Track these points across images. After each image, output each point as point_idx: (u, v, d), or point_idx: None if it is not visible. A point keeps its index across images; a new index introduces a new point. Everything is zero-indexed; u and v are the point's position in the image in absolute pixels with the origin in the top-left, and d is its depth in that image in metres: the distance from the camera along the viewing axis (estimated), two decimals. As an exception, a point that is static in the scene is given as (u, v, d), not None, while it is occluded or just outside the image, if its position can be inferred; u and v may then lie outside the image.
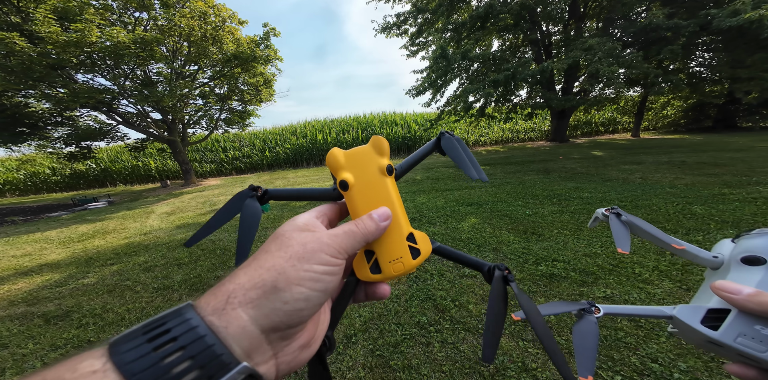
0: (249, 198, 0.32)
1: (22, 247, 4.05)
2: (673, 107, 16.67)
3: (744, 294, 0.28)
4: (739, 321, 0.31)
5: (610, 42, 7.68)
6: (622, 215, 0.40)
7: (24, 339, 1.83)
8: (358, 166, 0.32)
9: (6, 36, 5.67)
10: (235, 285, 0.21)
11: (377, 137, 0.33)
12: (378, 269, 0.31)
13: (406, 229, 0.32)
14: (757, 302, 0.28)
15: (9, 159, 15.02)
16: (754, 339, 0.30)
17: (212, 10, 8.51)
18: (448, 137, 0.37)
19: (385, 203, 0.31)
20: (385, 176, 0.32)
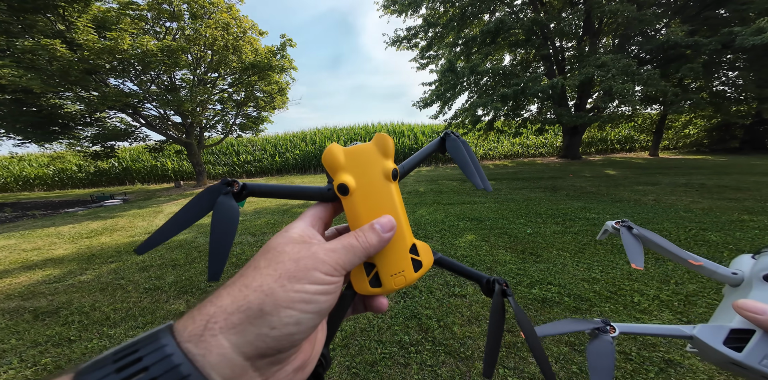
0: (222, 195, 0.26)
1: (34, 241, 4.24)
2: (695, 126, 16.06)
3: None
4: (764, 342, 0.29)
5: (625, 59, 7.56)
6: (634, 228, 0.39)
7: (8, 335, 1.87)
8: (360, 167, 0.29)
9: (50, 43, 6.19)
10: (216, 308, 0.19)
11: (382, 135, 0.30)
12: (378, 283, 0.28)
13: (409, 240, 0.30)
14: None
15: (42, 156, 16.05)
16: None
17: (235, 21, 9.05)
18: (454, 138, 0.35)
19: (389, 212, 0.28)
20: (390, 182, 0.29)
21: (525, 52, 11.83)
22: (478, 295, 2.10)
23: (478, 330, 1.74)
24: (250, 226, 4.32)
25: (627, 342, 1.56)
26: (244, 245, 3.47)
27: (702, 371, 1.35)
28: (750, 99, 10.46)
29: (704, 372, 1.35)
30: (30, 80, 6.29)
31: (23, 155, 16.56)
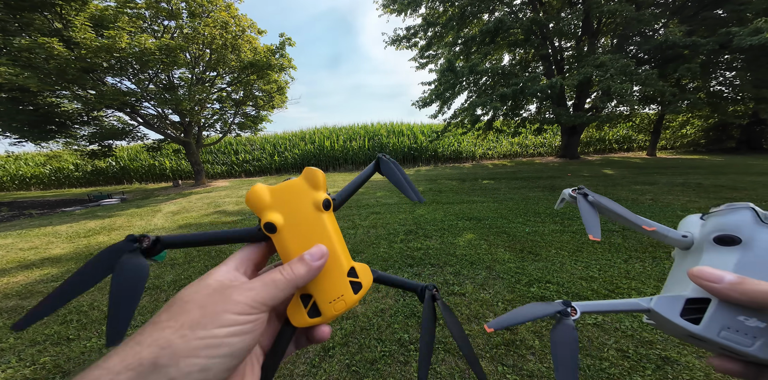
0: (128, 253, 0.24)
1: (31, 240, 4.21)
2: (693, 126, 16.16)
3: (726, 283, 0.25)
4: (721, 312, 0.28)
5: (623, 59, 7.59)
6: (589, 195, 0.36)
7: (6, 333, 1.87)
8: (288, 203, 0.29)
9: (47, 41, 6.14)
10: (102, 370, 0.18)
11: (310, 169, 0.31)
12: (317, 312, 0.28)
13: (347, 264, 0.30)
14: (741, 291, 0.24)
15: (38, 155, 15.95)
16: (738, 331, 0.27)
17: (234, 20, 9.01)
18: (386, 161, 0.37)
19: (321, 241, 0.29)
20: (322, 212, 0.30)
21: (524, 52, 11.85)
22: (477, 294, 2.11)
23: (478, 328, 1.74)
24: (249, 225, 4.28)
25: (624, 339, 1.57)
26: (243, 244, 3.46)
27: (698, 368, 1.37)
28: (747, 99, 10.53)
29: (701, 369, 1.36)
30: (27, 79, 6.24)
31: (19, 153, 16.46)
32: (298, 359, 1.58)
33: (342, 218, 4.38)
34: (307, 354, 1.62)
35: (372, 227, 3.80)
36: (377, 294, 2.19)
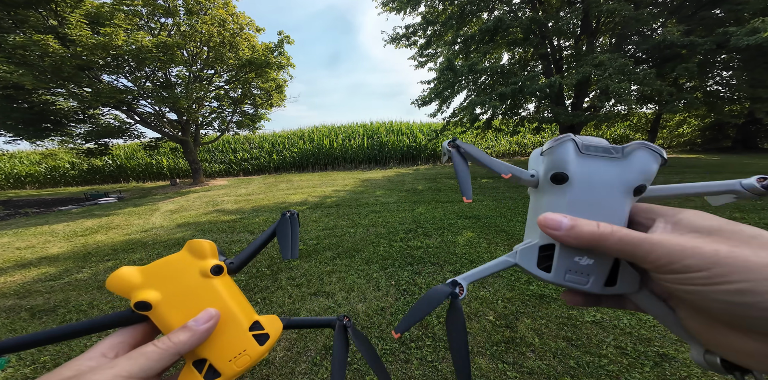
0: None
1: (27, 239, 4.18)
2: (689, 125, 16.27)
3: (563, 229, 0.25)
4: (563, 256, 0.28)
5: (621, 58, 7.61)
6: (461, 146, 0.33)
7: (5, 333, 1.85)
8: (167, 278, 0.29)
9: (42, 38, 6.06)
10: None
11: (193, 242, 0.31)
12: (216, 373, 0.28)
13: (247, 320, 0.30)
14: (574, 235, 0.24)
15: (34, 153, 15.79)
16: (576, 272, 0.28)
17: (231, 17, 8.93)
18: (285, 219, 0.39)
19: (212, 306, 0.29)
20: (212, 278, 0.30)
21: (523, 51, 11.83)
22: (477, 292, 2.13)
23: (478, 326, 1.76)
24: (248, 224, 4.30)
25: (623, 337, 1.59)
26: (242, 242, 3.46)
27: (696, 365, 1.38)
28: (743, 99, 10.60)
29: (698, 366, 1.38)
30: (21, 76, 6.16)
31: (14, 152, 16.28)
32: (300, 357, 1.59)
33: (341, 217, 4.38)
34: (309, 352, 1.62)
35: (372, 226, 3.81)
36: (377, 292, 2.20)
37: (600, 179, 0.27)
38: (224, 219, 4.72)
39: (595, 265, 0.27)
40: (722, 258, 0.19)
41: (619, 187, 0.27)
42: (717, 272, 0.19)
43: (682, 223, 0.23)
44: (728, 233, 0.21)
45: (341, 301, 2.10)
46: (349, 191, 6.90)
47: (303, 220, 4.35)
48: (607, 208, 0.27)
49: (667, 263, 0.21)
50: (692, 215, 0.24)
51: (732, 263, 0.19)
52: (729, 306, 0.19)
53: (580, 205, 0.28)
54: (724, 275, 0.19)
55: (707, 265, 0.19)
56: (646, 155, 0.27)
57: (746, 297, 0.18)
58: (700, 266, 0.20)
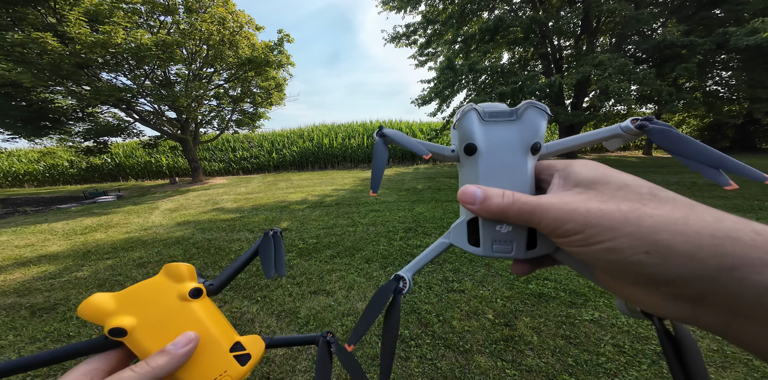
0: None
1: (26, 237, 4.17)
2: (688, 125, 16.32)
3: (477, 203, 0.25)
4: (486, 228, 0.28)
5: (621, 58, 7.62)
6: (387, 135, 0.32)
7: (6, 331, 1.86)
8: (143, 303, 0.29)
9: (40, 36, 6.03)
10: None
11: (170, 265, 0.31)
12: None
13: (227, 342, 0.30)
14: (486, 209, 0.25)
15: (32, 151, 15.73)
16: (501, 241, 0.27)
17: (231, 15, 8.89)
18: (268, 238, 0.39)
19: (191, 329, 0.29)
20: (190, 301, 0.30)
21: (523, 51, 11.83)
22: (476, 290, 2.14)
23: (477, 324, 1.77)
24: (248, 222, 4.31)
25: (620, 335, 1.60)
26: (242, 241, 3.46)
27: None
28: (742, 99, 10.63)
29: None
30: (20, 74, 6.13)
31: (12, 150, 16.21)
32: (300, 355, 1.60)
33: (341, 216, 4.38)
34: (309, 350, 1.63)
35: (371, 225, 3.82)
36: (377, 290, 2.21)
37: (503, 144, 0.27)
38: (224, 218, 4.72)
39: (514, 231, 0.27)
40: (592, 218, 0.19)
41: (518, 148, 0.27)
42: (590, 233, 0.19)
43: (570, 177, 0.24)
44: (602, 186, 0.21)
45: (341, 300, 2.11)
46: (348, 190, 6.90)
47: (303, 219, 4.35)
48: (514, 171, 0.27)
49: (554, 229, 0.21)
50: (578, 167, 0.24)
51: (599, 223, 0.19)
52: (606, 264, 0.20)
53: (491, 172, 0.27)
54: (594, 235, 0.19)
55: (582, 227, 0.20)
56: (534, 113, 0.27)
57: (612, 255, 0.19)
58: (576, 229, 0.20)
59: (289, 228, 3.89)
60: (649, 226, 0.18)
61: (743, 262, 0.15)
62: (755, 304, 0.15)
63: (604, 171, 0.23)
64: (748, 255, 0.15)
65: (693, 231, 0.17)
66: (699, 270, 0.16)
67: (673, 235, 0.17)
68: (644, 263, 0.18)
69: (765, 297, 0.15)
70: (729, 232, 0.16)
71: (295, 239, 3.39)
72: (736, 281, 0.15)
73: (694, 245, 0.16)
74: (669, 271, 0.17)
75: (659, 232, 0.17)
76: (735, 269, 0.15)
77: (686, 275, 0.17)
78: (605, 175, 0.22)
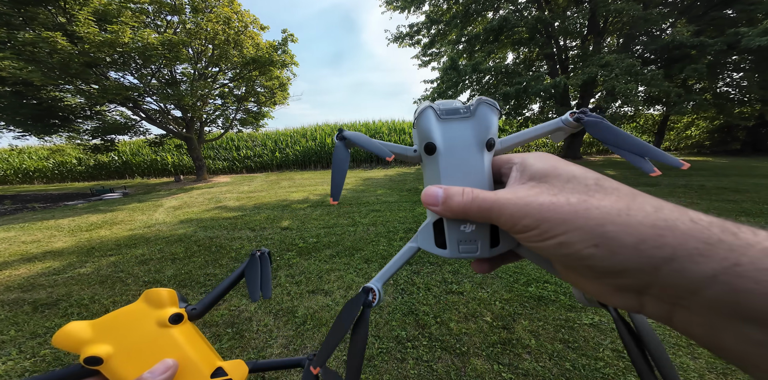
0: None
1: (33, 233, 4.25)
2: (697, 127, 16.01)
3: (440, 205, 0.25)
4: (451, 228, 0.27)
5: (629, 58, 7.51)
6: (347, 138, 0.31)
7: (7, 326, 1.88)
8: (121, 330, 0.29)
9: (50, 35, 6.14)
10: None
11: (150, 291, 0.31)
12: None
13: (208, 367, 0.30)
14: (448, 209, 0.24)
15: (42, 148, 16.03)
16: (466, 241, 0.27)
17: (236, 15, 8.96)
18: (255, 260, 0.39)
19: (170, 356, 0.29)
20: (170, 327, 0.30)
21: (528, 51, 11.74)
22: (475, 292, 2.12)
23: (475, 327, 1.75)
24: (249, 221, 4.33)
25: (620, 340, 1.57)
26: (243, 239, 3.48)
27: (693, 369, 1.37)
28: (753, 101, 10.41)
29: (695, 369, 1.37)
30: (30, 73, 6.25)
31: (23, 147, 16.54)
32: (296, 355, 1.60)
33: (342, 216, 4.39)
34: (305, 349, 1.63)
35: (372, 225, 3.81)
36: (375, 291, 2.20)
37: (459, 141, 0.27)
38: (226, 216, 4.75)
39: (477, 230, 0.27)
40: (545, 213, 0.20)
41: (474, 145, 0.27)
42: (544, 228, 0.20)
43: (525, 170, 0.24)
44: (553, 179, 0.22)
45: (339, 300, 2.10)
46: (350, 190, 6.91)
47: (304, 218, 4.37)
48: (471, 168, 0.27)
49: (513, 226, 0.21)
50: (532, 160, 0.24)
51: (551, 217, 0.19)
52: (561, 258, 0.20)
53: (450, 171, 0.27)
54: (548, 230, 0.20)
55: (536, 222, 0.20)
56: (486, 109, 0.27)
57: (565, 249, 0.19)
58: (531, 225, 0.20)
59: (289, 227, 3.90)
60: (596, 218, 0.18)
61: (681, 252, 0.16)
62: (695, 295, 0.16)
63: (554, 163, 0.23)
64: (685, 245, 0.16)
65: (636, 222, 0.17)
66: (643, 262, 0.17)
67: (618, 226, 0.17)
68: (594, 257, 0.18)
69: (703, 289, 0.15)
70: (668, 221, 0.17)
71: (296, 239, 3.40)
72: (676, 273, 0.16)
73: (638, 238, 0.17)
74: (616, 264, 0.17)
75: (605, 224, 0.18)
76: (674, 259, 0.16)
77: (632, 267, 0.17)
78: (555, 167, 0.23)
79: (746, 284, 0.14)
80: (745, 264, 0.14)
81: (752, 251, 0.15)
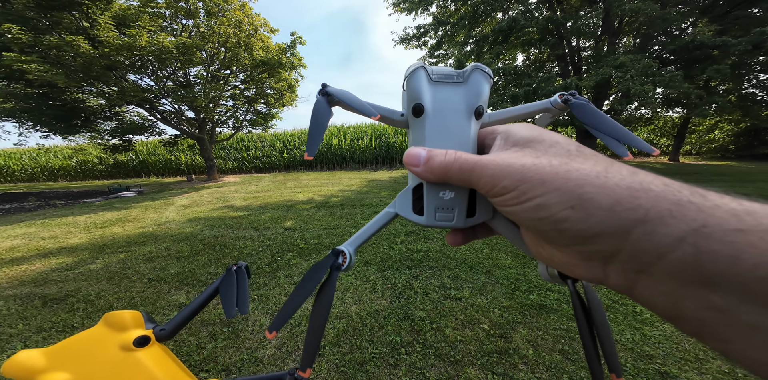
0: None
1: (52, 229, 4.45)
2: (722, 130, 15.28)
3: (422, 165, 0.24)
4: (430, 194, 0.27)
5: (645, 59, 7.24)
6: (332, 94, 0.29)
7: (17, 320, 1.96)
8: (80, 357, 0.27)
9: (74, 39, 6.46)
10: None
11: (111, 314, 0.29)
12: None
13: None
14: (429, 169, 0.24)
15: (66, 148, 16.83)
16: (443, 209, 0.27)
17: (247, 18, 9.19)
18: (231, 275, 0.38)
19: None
20: (134, 351, 0.28)
21: (539, 52, 11.50)
22: (474, 298, 2.07)
23: (471, 334, 1.71)
24: (254, 221, 4.40)
25: (623, 352, 1.50)
26: (246, 239, 3.54)
27: None
28: (782, 103, 9.84)
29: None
30: (55, 75, 6.58)
31: (49, 146, 17.41)
32: (289, 356, 1.60)
33: (344, 217, 4.40)
34: (298, 351, 1.63)
35: (374, 227, 3.80)
36: (373, 294, 2.19)
37: (449, 105, 0.27)
38: (232, 215, 4.85)
39: (456, 197, 0.27)
40: (526, 173, 0.20)
41: (463, 110, 0.27)
42: (523, 189, 0.19)
43: (509, 138, 0.24)
44: (536, 144, 0.22)
45: (336, 302, 2.10)
46: (354, 191, 6.93)
47: (307, 218, 4.40)
48: (457, 133, 0.26)
49: (492, 187, 0.21)
50: (516, 128, 0.25)
51: (532, 177, 0.19)
52: (536, 223, 0.20)
53: (436, 134, 0.26)
54: (526, 191, 0.19)
55: (516, 183, 0.20)
56: (479, 76, 0.27)
57: (542, 212, 0.19)
58: (510, 186, 0.20)
59: (292, 227, 3.94)
60: (575, 179, 0.18)
61: (653, 214, 0.16)
62: (661, 259, 0.15)
63: (539, 131, 0.24)
64: (657, 206, 0.16)
65: (612, 183, 0.18)
66: (616, 225, 0.17)
67: (595, 188, 0.18)
68: (569, 220, 0.18)
69: (669, 252, 0.15)
70: (643, 184, 0.17)
71: (297, 239, 3.42)
72: (646, 236, 0.16)
73: (614, 199, 0.17)
74: (591, 226, 0.17)
75: (584, 186, 0.18)
76: (645, 222, 0.16)
77: (606, 230, 0.17)
78: (540, 134, 0.23)
79: (711, 245, 0.14)
80: (713, 225, 0.15)
81: (719, 212, 0.15)
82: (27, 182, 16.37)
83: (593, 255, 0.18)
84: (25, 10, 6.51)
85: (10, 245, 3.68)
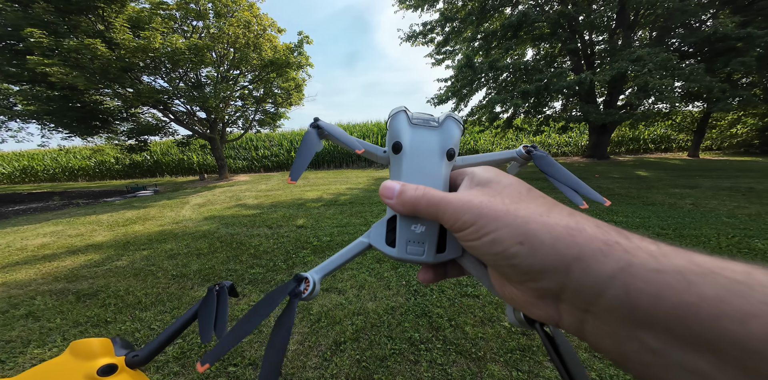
0: None
1: (77, 228, 4.63)
2: (745, 124, 14.62)
3: (395, 198, 0.25)
4: (403, 227, 0.28)
5: (664, 52, 6.99)
6: (322, 128, 0.31)
7: (54, 314, 2.06)
8: None
9: (92, 42, 6.66)
10: None
11: (77, 343, 0.29)
12: None
13: None
14: (402, 202, 0.25)
15: (85, 148, 17.45)
16: (414, 242, 0.27)
17: (255, 19, 9.29)
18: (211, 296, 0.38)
19: None
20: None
21: (550, 47, 11.24)
22: (491, 296, 2.07)
23: (492, 332, 1.71)
24: (267, 219, 4.47)
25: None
26: (261, 237, 3.60)
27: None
28: (811, 95, 9.34)
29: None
30: (75, 78, 6.81)
31: (69, 147, 18.07)
32: (311, 351, 1.63)
33: (354, 215, 4.43)
34: (320, 347, 1.66)
35: (386, 225, 3.81)
36: (388, 291, 2.20)
37: (425, 146, 0.29)
38: (246, 214, 4.94)
39: (426, 231, 0.27)
40: (483, 209, 0.21)
41: (437, 151, 0.29)
42: (480, 224, 0.21)
43: (474, 178, 0.26)
44: (494, 184, 0.24)
45: (352, 298, 2.13)
46: (362, 189, 6.96)
47: (318, 216, 4.45)
48: (430, 171, 0.29)
49: (455, 221, 0.22)
50: (479, 170, 0.27)
51: (487, 213, 0.21)
52: (492, 258, 0.21)
53: (411, 171, 0.29)
54: (483, 226, 0.21)
55: (474, 218, 0.21)
56: (452, 123, 0.30)
57: (496, 247, 0.20)
58: (470, 221, 0.21)
59: (304, 225, 3.99)
60: (523, 217, 0.20)
61: (587, 251, 0.17)
62: (599, 297, 0.16)
63: (497, 173, 0.26)
64: (590, 244, 0.17)
65: (553, 222, 0.19)
66: (558, 260, 0.18)
67: (539, 225, 0.19)
68: (519, 255, 0.19)
69: (605, 290, 0.16)
70: (579, 224, 0.19)
71: (310, 237, 3.47)
72: (583, 272, 0.17)
73: (554, 236, 0.18)
74: (537, 262, 0.18)
75: (530, 222, 0.19)
76: (581, 258, 0.17)
77: (550, 265, 0.18)
78: (497, 175, 0.25)
79: (638, 284, 0.15)
80: (636, 265, 0.16)
81: (641, 253, 0.16)
82: (49, 182, 17.05)
83: (545, 292, 0.19)
84: (45, 14, 6.74)
85: (41, 242, 3.86)
